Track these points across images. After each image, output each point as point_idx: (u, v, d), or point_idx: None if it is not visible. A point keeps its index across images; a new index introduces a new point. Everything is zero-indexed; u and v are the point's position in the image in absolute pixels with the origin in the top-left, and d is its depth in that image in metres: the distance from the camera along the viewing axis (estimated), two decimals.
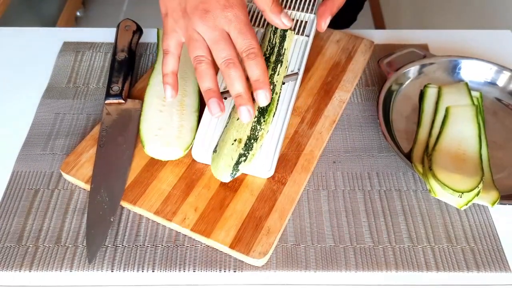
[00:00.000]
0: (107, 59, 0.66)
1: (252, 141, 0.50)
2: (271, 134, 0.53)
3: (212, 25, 0.47)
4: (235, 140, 0.49)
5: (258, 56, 0.47)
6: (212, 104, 0.48)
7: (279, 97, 0.53)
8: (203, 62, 0.48)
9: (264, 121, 0.50)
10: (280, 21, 0.52)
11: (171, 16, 0.50)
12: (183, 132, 0.53)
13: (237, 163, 0.49)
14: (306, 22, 0.58)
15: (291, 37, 0.55)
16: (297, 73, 0.55)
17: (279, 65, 0.53)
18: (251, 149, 0.49)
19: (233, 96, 0.48)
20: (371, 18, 1.98)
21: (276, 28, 0.55)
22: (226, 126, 0.51)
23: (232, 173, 0.49)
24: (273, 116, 0.52)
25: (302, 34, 0.57)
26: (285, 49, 0.55)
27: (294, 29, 0.58)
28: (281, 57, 0.54)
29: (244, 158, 0.49)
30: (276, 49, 0.54)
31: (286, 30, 0.55)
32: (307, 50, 0.56)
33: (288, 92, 0.55)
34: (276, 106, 0.52)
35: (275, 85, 0.52)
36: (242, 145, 0.49)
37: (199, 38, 0.48)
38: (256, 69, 0.47)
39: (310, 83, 0.61)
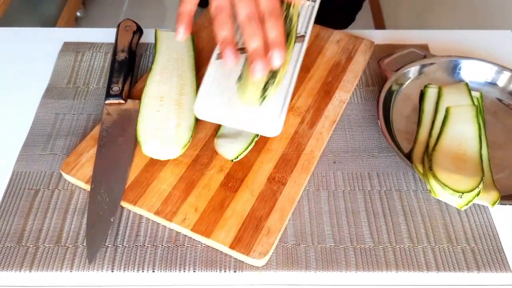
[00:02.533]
0: (107, 59, 0.66)
1: None
2: (277, 93, 0.52)
3: None
4: None
5: (280, 18, 0.47)
6: (227, 53, 0.46)
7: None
8: (224, 12, 0.47)
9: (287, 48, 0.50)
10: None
11: None
12: (180, 131, 0.53)
13: (265, 86, 0.48)
14: None
15: (298, 9, 0.56)
16: (303, 36, 0.55)
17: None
18: (277, 75, 0.49)
19: (250, 51, 0.46)
20: (371, 18, 1.98)
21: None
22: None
23: (262, 96, 0.48)
24: (294, 43, 0.52)
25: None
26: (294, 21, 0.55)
27: None
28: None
29: (273, 80, 0.48)
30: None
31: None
32: (313, 15, 0.57)
33: (295, 53, 0.54)
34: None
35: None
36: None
37: None
38: (276, 29, 0.46)
39: (310, 83, 0.61)
